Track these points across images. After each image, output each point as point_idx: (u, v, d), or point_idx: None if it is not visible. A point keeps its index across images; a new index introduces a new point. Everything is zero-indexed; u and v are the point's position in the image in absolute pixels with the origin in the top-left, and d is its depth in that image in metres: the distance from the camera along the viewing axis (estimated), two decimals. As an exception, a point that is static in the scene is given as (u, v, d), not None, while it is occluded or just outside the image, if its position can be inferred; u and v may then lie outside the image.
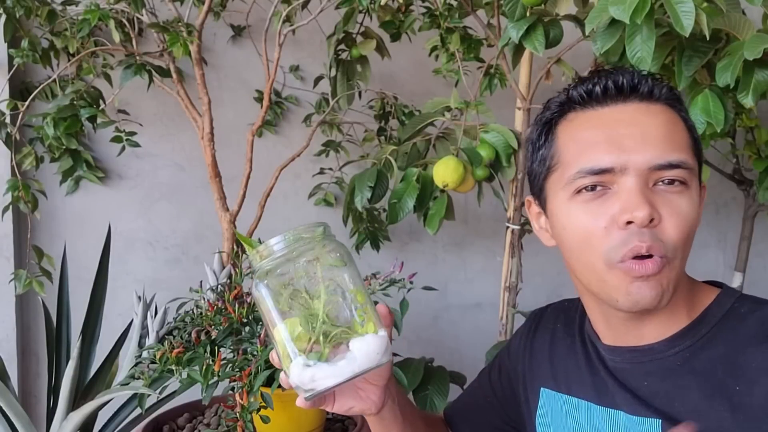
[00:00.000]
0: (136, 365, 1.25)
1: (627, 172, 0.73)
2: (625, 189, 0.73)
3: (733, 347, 0.75)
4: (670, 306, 0.77)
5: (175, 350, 1.16)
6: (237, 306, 1.28)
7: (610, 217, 0.73)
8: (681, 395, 0.75)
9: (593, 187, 0.75)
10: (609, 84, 0.77)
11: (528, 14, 1.32)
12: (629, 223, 0.72)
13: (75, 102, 1.64)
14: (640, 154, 0.73)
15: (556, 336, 0.94)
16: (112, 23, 1.54)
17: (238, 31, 2.08)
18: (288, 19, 1.70)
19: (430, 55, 1.78)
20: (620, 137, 0.74)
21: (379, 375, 0.79)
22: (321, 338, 0.70)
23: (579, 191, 0.76)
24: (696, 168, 0.77)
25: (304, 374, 0.69)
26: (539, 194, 0.84)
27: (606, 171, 0.74)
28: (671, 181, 0.74)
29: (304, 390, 0.70)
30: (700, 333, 0.77)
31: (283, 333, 0.71)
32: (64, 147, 1.81)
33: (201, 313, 1.31)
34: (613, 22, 1.10)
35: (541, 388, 0.92)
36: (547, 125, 0.82)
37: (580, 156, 0.76)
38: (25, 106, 1.63)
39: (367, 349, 0.70)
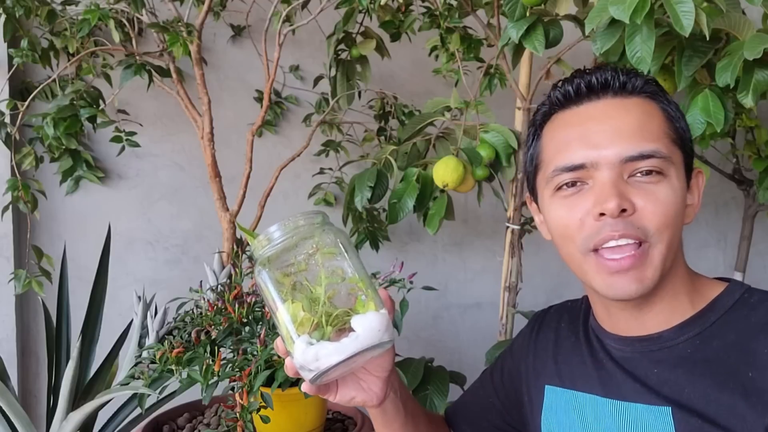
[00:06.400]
0: (136, 365, 1.25)
1: (599, 167, 0.76)
2: (598, 183, 0.76)
3: (744, 335, 0.76)
4: (671, 294, 0.79)
5: (175, 350, 1.16)
6: (237, 306, 1.28)
7: (585, 210, 0.77)
8: (692, 382, 0.76)
9: (573, 183, 0.79)
10: (581, 84, 0.81)
11: (528, 14, 1.32)
12: (602, 215, 0.75)
13: (75, 102, 1.64)
14: (610, 149, 0.76)
15: (560, 335, 0.94)
16: (112, 23, 1.54)
17: (238, 31, 2.08)
18: (288, 19, 1.70)
19: (430, 55, 1.78)
20: (591, 134, 0.78)
21: (380, 366, 0.80)
22: (323, 319, 0.71)
23: (559, 188, 0.80)
24: (675, 156, 0.78)
25: (308, 353, 0.69)
26: (533, 192, 0.88)
27: (579, 167, 0.77)
28: (648, 172, 0.76)
29: (309, 370, 0.70)
30: (709, 320, 0.79)
31: (285, 315, 0.71)
32: (63, 147, 1.81)
33: (201, 313, 1.31)
34: (613, 22, 1.10)
35: (546, 386, 0.92)
36: (534, 127, 0.87)
37: (556, 154, 0.80)
38: (24, 106, 1.63)
39: (369, 325, 0.71)
